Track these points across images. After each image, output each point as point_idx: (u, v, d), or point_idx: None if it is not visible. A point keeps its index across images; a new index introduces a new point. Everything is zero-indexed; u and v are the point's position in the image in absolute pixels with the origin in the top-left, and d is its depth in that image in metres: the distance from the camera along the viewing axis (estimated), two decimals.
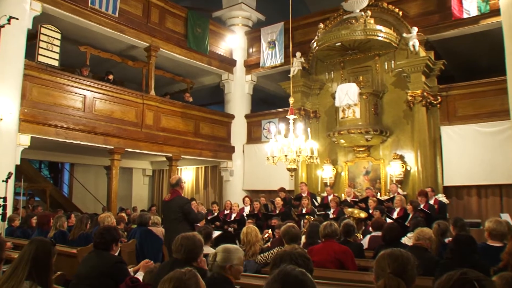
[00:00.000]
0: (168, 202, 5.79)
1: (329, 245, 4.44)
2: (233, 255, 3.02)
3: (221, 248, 3.07)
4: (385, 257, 2.09)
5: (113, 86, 9.95)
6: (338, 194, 10.17)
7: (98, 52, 10.36)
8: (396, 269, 2.01)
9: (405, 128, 10.00)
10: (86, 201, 13.84)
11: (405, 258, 2.07)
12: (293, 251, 2.48)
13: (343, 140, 10.27)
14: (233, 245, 3.16)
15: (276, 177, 11.35)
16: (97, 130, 9.33)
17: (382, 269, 2.05)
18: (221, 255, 3.02)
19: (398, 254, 2.09)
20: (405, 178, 9.77)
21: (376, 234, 5.82)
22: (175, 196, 5.75)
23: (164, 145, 10.97)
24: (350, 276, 3.99)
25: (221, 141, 12.78)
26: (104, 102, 9.63)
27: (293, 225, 4.60)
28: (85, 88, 9.23)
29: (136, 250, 6.11)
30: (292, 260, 2.33)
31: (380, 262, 2.10)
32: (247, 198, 9.89)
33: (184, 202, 5.75)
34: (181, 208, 5.62)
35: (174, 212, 5.65)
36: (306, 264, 2.39)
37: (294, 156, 7.31)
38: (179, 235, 3.27)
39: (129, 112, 10.17)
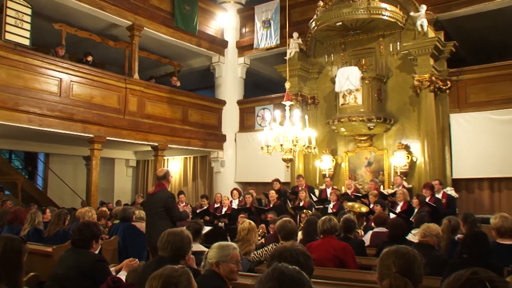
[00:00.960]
0: (151, 195, 5.79)
1: (328, 241, 4.45)
2: (221, 252, 3.07)
3: (214, 244, 3.15)
4: (390, 254, 2.09)
5: (93, 69, 9.84)
6: (337, 187, 10.21)
7: (75, 31, 10.20)
8: (402, 268, 2.01)
9: (411, 115, 10.01)
10: (63, 194, 13.77)
11: (412, 256, 2.08)
12: (294, 247, 2.48)
13: (343, 128, 10.26)
14: (227, 242, 3.19)
15: (271, 168, 11.36)
16: (75, 117, 9.25)
17: (387, 268, 2.05)
18: (211, 252, 3.10)
19: (404, 251, 2.09)
20: (411, 170, 9.81)
21: (378, 230, 5.85)
22: (159, 190, 5.74)
23: (149, 134, 10.91)
24: (351, 275, 4.01)
25: (211, 129, 12.74)
26: (83, 86, 9.53)
27: (289, 220, 4.60)
28: (61, 71, 9.11)
29: (119, 248, 6.09)
30: (292, 258, 2.33)
31: (384, 260, 2.10)
32: (235, 191, 9.90)
33: (167, 195, 5.75)
34: (164, 202, 5.63)
35: (157, 206, 5.66)
36: (307, 263, 2.39)
37: (290, 146, 7.31)
38: (165, 231, 3.27)
39: (111, 97, 10.08)
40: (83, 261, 3.47)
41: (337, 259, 4.30)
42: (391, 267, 2.02)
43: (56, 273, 3.46)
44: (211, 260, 3.04)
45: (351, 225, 5.10)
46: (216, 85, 13.43)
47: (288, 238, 4.38)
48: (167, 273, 2.08)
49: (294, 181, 10.51)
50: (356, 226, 5.35)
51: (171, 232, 3.24)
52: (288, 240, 4.29)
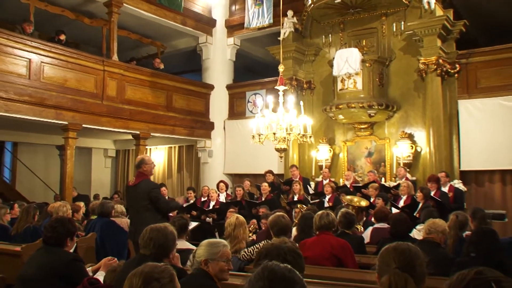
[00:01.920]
0: (132, 187, 5.74)
1: (324, 238, 4.46)
2: (210, 249, 3.09)
3: (203, 242, 3.18)
4: (390, 251, 2.10)
5: (66, 49, 9.71)
6: (335, 179, 10.24)
7: (45, 6, 10.04)
8: (403, 264, 2.02)
9: (415, 102, 10.03)
10: (34, 188, 13.66)
11: (414, 253, 2.09)
12: (282, 245, 2.48)
13: (341, 115, 10.27)
14: (216, 239, 3.23)
15: (263, 158, 11.36)
16: (47, 102, 9.14)
17: (386, 264, 2.05)
18: (199, 249, 3.12)
19: (405, 247, 2.11)
20: (415, 161, 9.86)
21: (379, 226, 5.88)
22: (141, 180, 5.70)
23: (130, 121, 10.85)
24: (349, 274, 4.03)
25: (198, 116, 12.70)
26: (55, 68, 9.41)
27: (282, 215, 4.60)
28: (30, 51, 8.96)
29: (96, 246, 6.09)
30: (280, 256, 2.33)
31: (384, 257, 2.11)
32: (222, 183, 9.90)
33: (151, 187, 5.72)
34: (147, 195, 5.59)
35: (140, 199, 5.63)
36: (296, 262, 2.39)
37: (284, 134, 7.31)
38: (147, 227, 3.27)
39: (87, 80, 9.98)
40: (57, 260, 3.44)
41: (334, 258, 4.32)
42: (391, 264, 2.03)
43: (26, 275, 3.42)
44: (199, 258, 3.06)
45: (350, 220, 5.12)
46: (203, 68, 13.35)
47: (282, 234, 4.38)
48: (148, 270, 2.08)
49: (288, 173, 10.52)
50: (355, 222, 5.37)
51: (153, 228, 3.23)
52: (279, 236, 4.29)
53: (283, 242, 2.57)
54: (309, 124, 7.49)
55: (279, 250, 2.43)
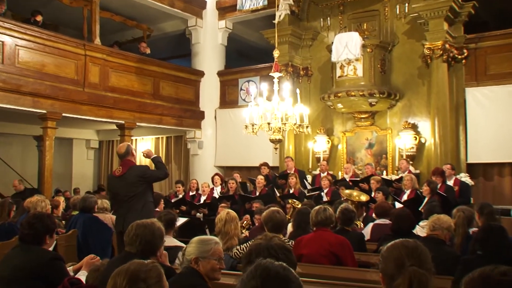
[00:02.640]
0: (121, 177, 5.74)
1: (322, 235, 4.47)
2: (201, 247, 3.09)
3: (193, 239, 3.18)
4: (399, 247, 2.08)
5: (44, 31, 9.61)
6: (333, 172, 10.26)
7: None
8: (417, 261, 2.02)
9: (419, 90, 10.05)
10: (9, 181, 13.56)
11: (423, 249, 2.09)
12: (270, 243, 2.49)
13: (340, 104, 10.28)
14: (207, 236, 3.24)
15: (257, 150, 11.37)
16: (23, 89, 9.06)
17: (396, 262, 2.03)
18: (189, 247, 3.12)
19: (414, 244, 2.10)
20: (418, 153, 9.91)
21: (380, 221, 5.90)
22: (129, 167, 5.73)
23: (114, 109, 10.81)
24: (348, 273, 4.04)
25: (187, 105, 12.67)
26: (32, 52, 9.32)
27: (277, 210, 4.61)
28: (3, 32, 8.84)
29: (78, 243, 6.07)
30: (270, 255, 2.33)
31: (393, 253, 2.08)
32: (217, 176, 9.89)
33: (143, 169, 5.94)
34: (142, 178, 5.72)
35: (133, 186, 5.67)
36: (288, 259, 2.40)
37: (279, 124, 7.31)
38: (133, 223, 3.26)
39: (67, 66, 9.90)
40: (34, 260, 3.41)
41: (332, 255, 4.33)
42: (404, 261, 2.01)
43: (0, 276, 3.41)
44: (189, 256, 3.06)
45: (349, 216, 5.13)
46: (192, 53, 13.30)
47: (276, 231, 4.39)
48: (134, 268, 2.07)
49: (283, 166, 10.53)
50: (354, 218, 5.39)
51: (140, 224, 3.22)
52: (276, 233, 4.30)
53: (270, 239, 2.57)
54: (305, 113, 7.48)
55: (268, 248, 2.43)
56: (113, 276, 2.07)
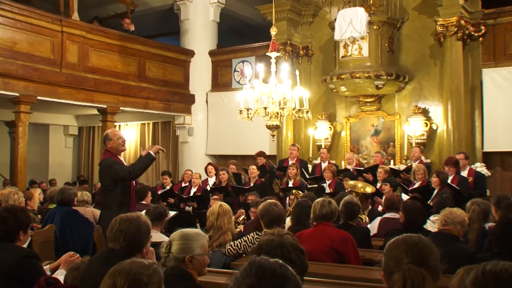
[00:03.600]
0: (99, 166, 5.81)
1: (323, 230, 4.49)
2: (194, 243, 3.07)
3: (178, 234, 3.12)
4: (399, 243, 2.10)
5: (15, 4, 9.48)
6: (336, 162, 10.28)
7: None
8: (417, 259, 2.03)
9: (431, 71, 10.05)
10: None
11: (427, 245, 2.10)
12: (284, 240, 2.47)
13: (344, 87, 10.27)
14: (193, 229, 3.18)
15: (252, 138, 11.38)
16: None
17: (396, 259, 2.06)
18: (178, 244, 3.06)
19: (416, 240, 2.11)
20: (429, 140, 9.92)
21: (389, 215, 5.92)
22: (103, 159, 5.76)
23: (95, 92, 10.75)
24: (352, 272, 4.05)
25: (175, 88, 12.64)
26: (2, 28, 9.21)
27: (275, 203, 4.62)
28: None
29: (55, 240, 6.07)
30: (283, 255, 2.33)
31: (392, 250, 2.11)
32: (211, 166, 9.89)
33: (108, 163, 5.61)
34: (106, 174, 5.60)
35: (102, 180, 5.71)
36: (301, 260, 2.40)
37: (277, 109, 7.29)
38: (116, 217, 3.25)
39: (42, 44, 9.81)
40: (7, 258, 3.41)
41: (334, 252, 4.35)
42: (403, 258, 2.03)
43: None
44: (183, 254, 3.02)
45: (354, 209, 5.15)
46: (181, 31, 13.23)
47: (273, 225, 4.40)
48: (136, 270, 2.07)
49: (280, 154, 10.55)
50: (358, 211, 5.40)
51: (124, 218, 3.21)
52: (271, 227, 4.30)
53: (282, 235, 2.55)
54: (306, 97, 7.47)
55: (281, 247, 2.42)
56: (112, 274, 2.07)
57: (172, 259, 3.04)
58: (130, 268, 2.07)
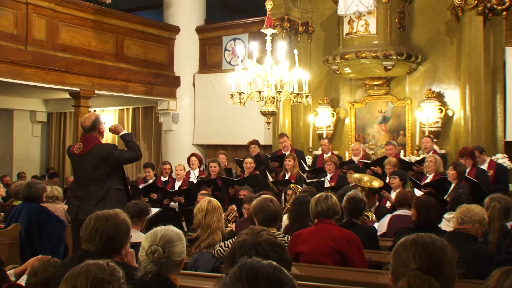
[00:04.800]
0: (80, 156, 5.73)
1: (325, 229, 4.49)
2: (178, 246, 3.02)
3: (158, 235, 3.04)
4: (408, 245, 2.09)
5: None
6: (339, 153, 10.28)
7: None
8: (426, 263, 2.02)
9: (447, 50, 10.04)
10: None
11: (439, 247, 2.08)
12: (257, 238, 2.48)
13: (348, 68, 10.28)
14: (172, 229, 3.10)
15: (245, 125, 11.41)
16: None
17: (403, 263, 2.06)
18: (161, 247, 2.98)
19: (427, 241, 2.10)
20: (444, 128, 9.95)
21: (401, 213, 5.95)
22: (94, 145, 5.71)
23: (66, 74, 10.69)
24: (356, 276, 4.06)
25: (158, 69, 12.62)
26: None
27: (270, 198, 4.62)
28: None
29: (21, 241, 6.06)
30: (258, 254, 2.33)
31: (400, 253, 2.11)
32: (194, 157, 9.90)
33: (109, 149, 5.80)
34: (105, 161, 5.63)
35: (95, 170, 5.64)
36: (280, 257, 2.40)
37: (273, 93, 7.29)
38: (91, 215, 3.25)
39: (3, 17, 9.70)
40: None
41: (337, 254, 4.35)
42: (410, 263, 2.03)
43: None
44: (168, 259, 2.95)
45: (358, 206, 5.14)
46: (165, 4, 13.20)
47: (269, 223, 4.40)
48: (95, 269, 2.08)
49: (277, 144, 10.53)
50: (364, 208, 5.42)
51: (100, 216, 3.20)
52: (269, 226, 4.31)
53: (256, 234, 2.56)
54: (305, 79, 7.47)
55: (256, 246, 2.42)
56: (68, 279, 2.08)
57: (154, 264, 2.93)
58: (88, 269, 2.09)
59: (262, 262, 1.66)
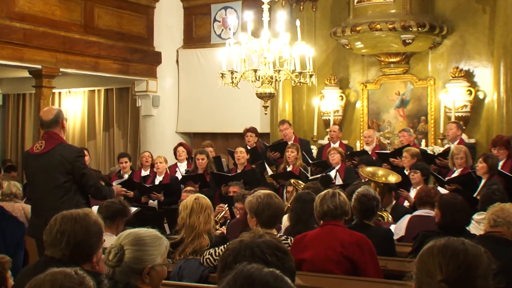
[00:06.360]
0: (40, 156, 5.71)
1: (331, 232, 4.51)
2: (153, 250, 2.98)
3: (131, 237, 3.00)
4: (435, 252, 2.08)
5: None
6: (349, 142, 10.31)
7: None
8: (454, 274, 2.01)
9: (477, 20, 10.04)
10: None
11: (472, 256, 2.06)
12: (256, 239, 2.47)
13: (360, 42, 10.31)
14: (149, 231, 3.08)
15: (238, 110, 11.45)
16: None
17: (428, 274, 2.06)
18: (132, 250, 2.96)
19: (458, 248, 2.08)
20: (474, 113, 9.97)
21: (422, 213, 5.96)
22: (56, 145, 5.67)
23: (25, 48, 10.65)
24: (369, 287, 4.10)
25: (135, 42, 12.62)
26: None
27: (273, 194, 4.63)
28: None
29: None
30: (255, 258, 2.32)
31: (425, 261, 2.10)
32: (182, 147, 9.91)
33: (74, 154, 5.69)
34: (70, 165, 5.58)
35: (55, 174, 5.60)
36: (282, 263, 2.39)
37: (271, 72, 7.30)
38: (57, 215, 3.26)
39: None
40: None
41: (346, 261, 4.38)
42: (435, 273, 2.02)
43: None
44: (140, 264, 2.93)
45: (370, 205, 5.15)
46: None
47: (271, 224, 4.42)
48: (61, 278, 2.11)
49: (275, 132, 10.54)
50: (379, 207, 5.44)
51: (67, 217, 3.20)
52: (269, 227, 4.33)
53: (256, 235, 2.55)
54: (309, 56, 7.48)
55: (253, 248, 2.42)
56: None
57: (124, 271, 2.91)
58: (54, 278, 2.10)
59: (261, 270, 1.67)
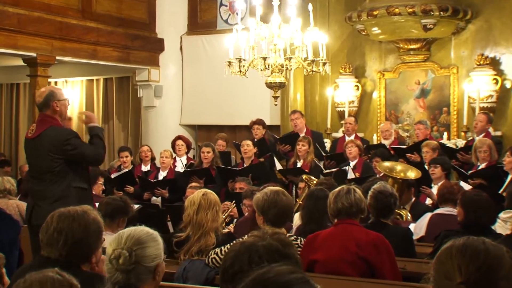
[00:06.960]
0: (32, 140, 5.76)
1: (346, 231, 4.52)
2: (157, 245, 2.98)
3: (124, 236, 2.97)
4: (453, 253, 2.08)
5: None
6: (365, 135, 10.30)
7: None
8: (474, 276, 2.01)
9: (504, 4, 10.04)
10: None
11: (493, 257, 2.06)
12: (257, 242, 2.44)
13: (377, 28, 10.31)
14: (141, 228, 3.06)
15: (246, 100, 11.48)
16: None
17: (446, 275, 2.06)
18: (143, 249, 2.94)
19: (479, 248, 2.08)
20: (501, 104, 9.97)
21: (444, 211, 5.97)
22: (47, 128, 5.69)
23: (19, 34, 10.67)
24: None
25: (136, 29, 12.63)
26: None
27: (281, 191, 4.64)
28: None
29: None
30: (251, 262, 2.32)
31: (443, 262, 2.10)
32: (180, 141, 9.91)
33: (66, 134, 5.70)
34: (59, 149, 5.59)
35: (46, 158, 5.62)
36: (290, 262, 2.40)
37: (281, 60, 7.31)
38: (54, 213, 3.26)
39: None
40: None
41: (362, 262, 4.39)
42: (454, 275, 2.02)
43: None
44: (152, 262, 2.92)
45: (388, 202, 5.17)
46: None
47: (280, 223, 4.43)
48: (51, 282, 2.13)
49: (286, 124, 10.55)
50: (396, 204, 5.44)
51: (64, 215, 3.21)
52: (277, 226, 4.34)
53: (262, 236, 2.52)
54: (322, 42, 7.48)
55: (251, 251, 2.39)
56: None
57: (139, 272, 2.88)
58: (43, 279, 2.12)
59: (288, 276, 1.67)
